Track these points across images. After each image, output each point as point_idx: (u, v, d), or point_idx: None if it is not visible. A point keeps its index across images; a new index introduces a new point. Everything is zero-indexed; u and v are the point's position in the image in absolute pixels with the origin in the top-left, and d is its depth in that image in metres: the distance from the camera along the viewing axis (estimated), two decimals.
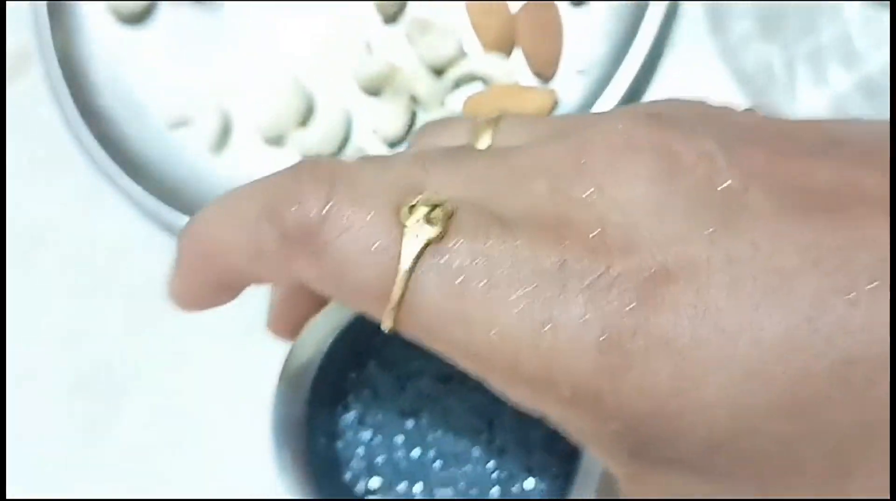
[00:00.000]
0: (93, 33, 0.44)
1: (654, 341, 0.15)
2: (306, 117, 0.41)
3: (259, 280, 0.20)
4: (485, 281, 0.16)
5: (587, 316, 0.16)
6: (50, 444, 0.40)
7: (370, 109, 0.40)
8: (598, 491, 0.26)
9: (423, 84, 0.39)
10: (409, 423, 0.30)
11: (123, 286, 0.41)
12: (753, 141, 0.17)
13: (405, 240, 0.17)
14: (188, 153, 0.42)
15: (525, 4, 0.40)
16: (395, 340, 0.21)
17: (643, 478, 0.16)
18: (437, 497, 0.29)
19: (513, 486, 0.29)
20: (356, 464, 0.30)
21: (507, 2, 0.40)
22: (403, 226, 0.17)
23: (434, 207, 0.17)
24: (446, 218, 0.17)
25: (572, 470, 0.28)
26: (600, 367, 0.16)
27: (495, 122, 0.20)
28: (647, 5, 0.38)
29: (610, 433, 0.16)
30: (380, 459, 0.29)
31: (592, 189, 0.17)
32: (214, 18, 0.43)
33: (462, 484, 0.29)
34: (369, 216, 0.17)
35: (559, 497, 0.28)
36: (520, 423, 0.29)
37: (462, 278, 0.17)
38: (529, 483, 0.29)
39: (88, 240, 0.42)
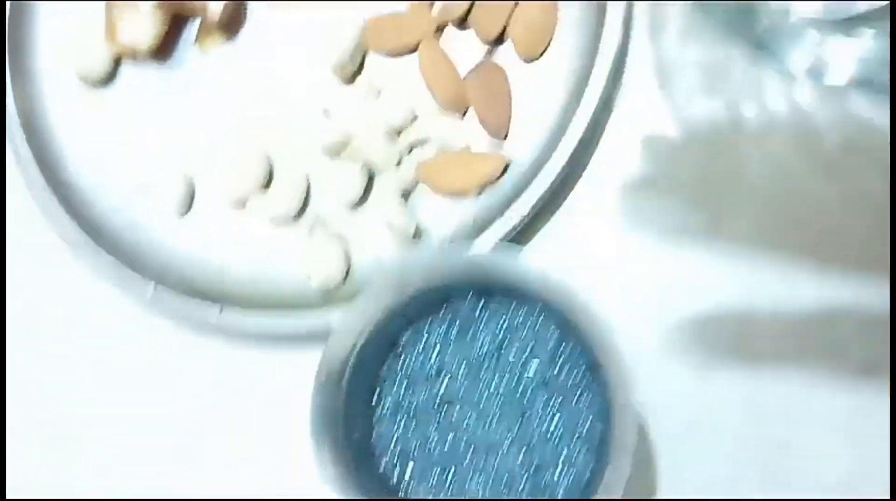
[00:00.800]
0: (56, 96, 0.44)
1: None
2: (267, 181, 0.42)
3: None
4: None
5: None
6: None
7: (328, 173, 0.41)
8: (627, 487, 0.28)
9: (378, 149, 0.40)
10: (443, 412, 0.32)
11: (87, 349, 0.42)
12: None
13: None
14: (152, 217, 0.42)
15: (475, 68, 0.40)
16: (429, 332, 0.22)
17: None
18: (469, 485, 0.31)
19: (542, 476, 0.31)
20: (391, 453, 0.32)
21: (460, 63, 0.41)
22: None
23: None
24: None
25: (601, 464, 0.29)
26: None
27: None
28: (594, 62, 0.39)
29: None
30: (413, 447, 0.32)
31: None
32: (177, 81, 0.44)
33: (493, 473, 0.31)
34: None
35: (587, 489, 0.30)
36: (551, 415, 0.31)
37: None
38: (558, 474, 0.31)
39: (52, 302, 0.43)
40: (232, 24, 0.43)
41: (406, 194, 0.40)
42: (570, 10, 0.40)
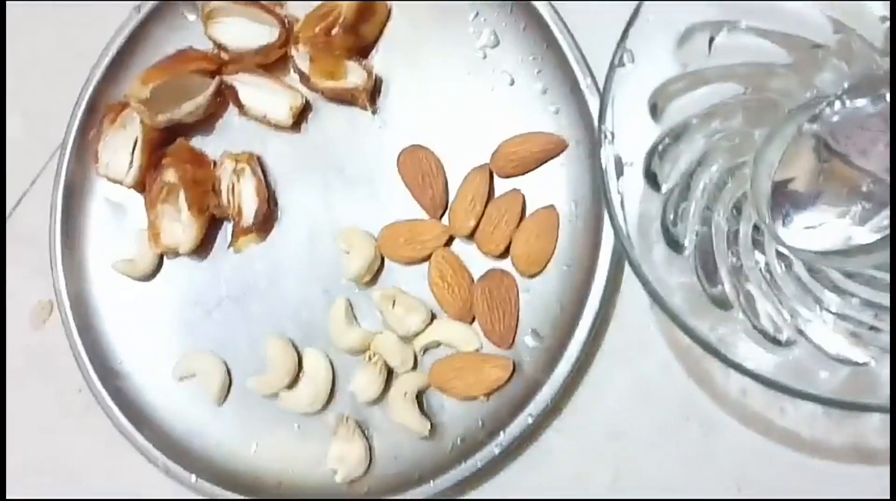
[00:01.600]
0: (105, 289, 0.49)
1: None
2: (295, 377, 0.46)
3: None
4: None
5: None
6: None
7: (350, 373, 0.45)
8: None
9: (395, 352, 0.44)
10: None
11: None
12: None
13: None
14: (193, 406, 0.47)
15: (484, 276, 0.44)
16: None
17: None
18: None
19: None
20: None
21: (469, 273, 0.44)
22: None
23: None
24: None
25: None
26: None
27: None
28: (593, 278, 0.42)
29: None
30: None
31: None
32: (214, 275, 0.48)
33: None
34: None
35: None
36: None
37: None
38: None
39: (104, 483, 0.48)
40: (263, 226, 0.47)
41: (421, 394, 0.44)
42: (567, 233, 0.44)
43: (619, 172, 0.34)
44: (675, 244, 0.35)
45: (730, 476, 0.41)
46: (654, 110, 0.35)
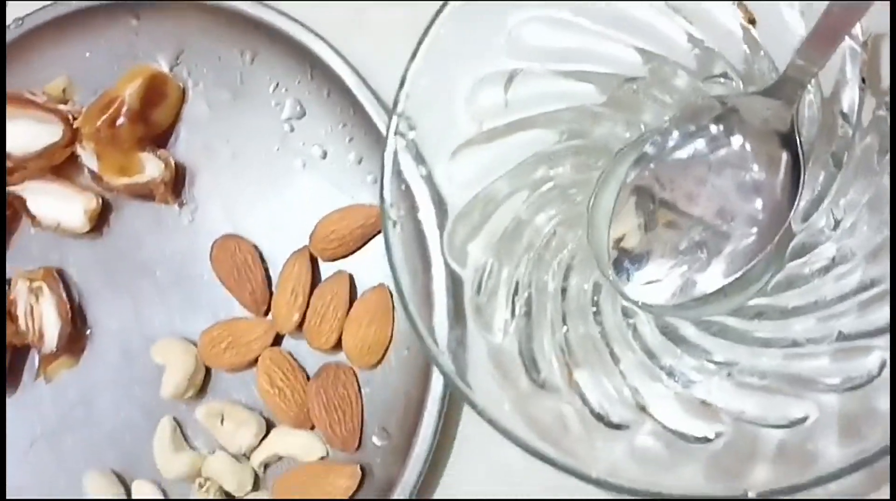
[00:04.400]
0: None
1: None
2: None
3: None
4: None
5: None
6: None
7: None
8: None
9: (229, 472, 0.39)
10: None
11: None
12: None
13: None
14: None
15: (319, 372, 0.39)
16: None
17: None
18: None
19: None
20: None
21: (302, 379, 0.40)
22: None
23: None
24: None
25: None
26: None
27: None
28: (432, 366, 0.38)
29: None
30: None
31: None
32: (26, 413, 0.42)
33: None
34: None
35: None
36: None
37: None
38: None
39: None
40: (72, 348, 0.42)
41: None
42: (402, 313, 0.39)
43: (412, 257, 0.29)
44: (489, 328, 0.31)
45: None
46: (451, 180, 0.31)
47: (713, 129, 0.32)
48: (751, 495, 0.26)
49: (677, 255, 0.33)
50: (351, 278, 0.40)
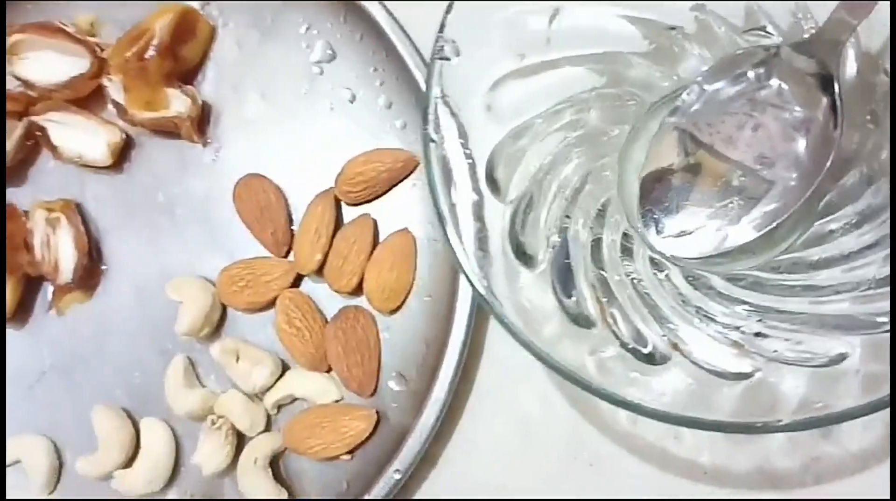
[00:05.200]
0: None
1: None
2: (132, 453, 0.39)
3: None
4: None
5: None
6: None
7: (194, 440, 0.39)
8: None
9: (242, 412, 0.38)
10: None
11: None
12: None
13: None
14: (20, 495, 0.40)
15: (337, 315, 0.39)
16: None
17: None
18: None
19: None
20: None
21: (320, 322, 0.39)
22: None
23: None
24: None
25: None
26: None
27: None
28: (455, 306, 0.37)
29: None
30: None
31: None
32: (36, 345, 0.42)
33: None
34: None
35: None
36: None
37: None
38: None
39: None
40: (87, 283, 0.41)
41: (278, 459, 0.38)
42: (425, 259, 0.39)
43: (449, 181, 0.29)
44: (526, 258, 0.30)
45: None
46: (490, 110, 0.31)
47: (752, 74, 0.32)
48: (784, 421, 0.25)
49: (711, 204, 0.33)
50: (375, 223, 0.40)
